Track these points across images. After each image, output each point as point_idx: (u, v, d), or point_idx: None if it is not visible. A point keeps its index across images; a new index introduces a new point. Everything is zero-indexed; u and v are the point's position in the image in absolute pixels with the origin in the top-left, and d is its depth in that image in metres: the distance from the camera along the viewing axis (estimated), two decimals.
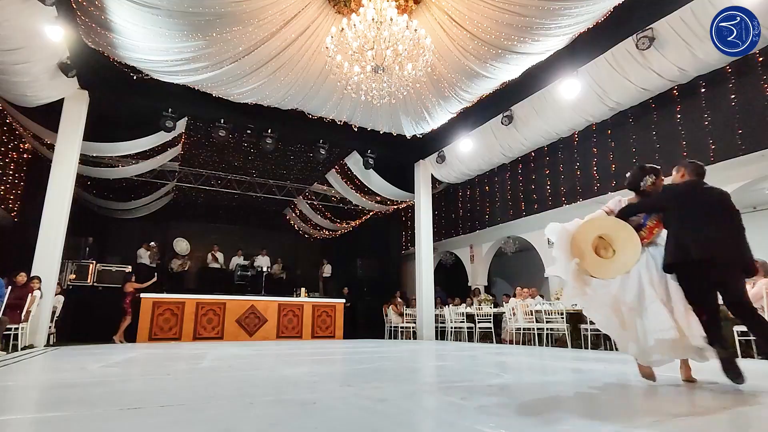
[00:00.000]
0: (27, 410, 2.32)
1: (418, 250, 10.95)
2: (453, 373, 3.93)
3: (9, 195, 8.80)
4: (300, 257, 15.46)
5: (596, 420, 2.04)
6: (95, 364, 4.36)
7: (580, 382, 3.29)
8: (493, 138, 9.53)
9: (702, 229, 2.89)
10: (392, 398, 2.46)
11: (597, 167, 8.36)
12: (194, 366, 4.21)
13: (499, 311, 9.42)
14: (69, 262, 9.04)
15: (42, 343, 6.81)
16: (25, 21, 5.70)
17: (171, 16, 5.98)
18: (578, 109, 7.92)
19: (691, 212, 2.96)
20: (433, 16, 6.54)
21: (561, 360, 5.14)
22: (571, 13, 5.98)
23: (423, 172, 11.31)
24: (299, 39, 6.86)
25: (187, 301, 8.80)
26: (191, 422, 1.89)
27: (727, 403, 2.48)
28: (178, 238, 13.37)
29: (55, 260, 7.07)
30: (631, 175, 3.31)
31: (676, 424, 1.87)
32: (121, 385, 3.07)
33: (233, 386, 2.92)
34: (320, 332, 9.99)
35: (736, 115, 6.39)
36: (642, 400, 2.54)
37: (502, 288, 13.75)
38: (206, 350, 6.24)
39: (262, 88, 7.88)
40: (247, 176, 12.30)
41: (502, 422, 1.86)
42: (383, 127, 9.38)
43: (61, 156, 7.43)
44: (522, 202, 10.00)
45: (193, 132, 9.68)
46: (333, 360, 5.22)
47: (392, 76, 5.93)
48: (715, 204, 3.00)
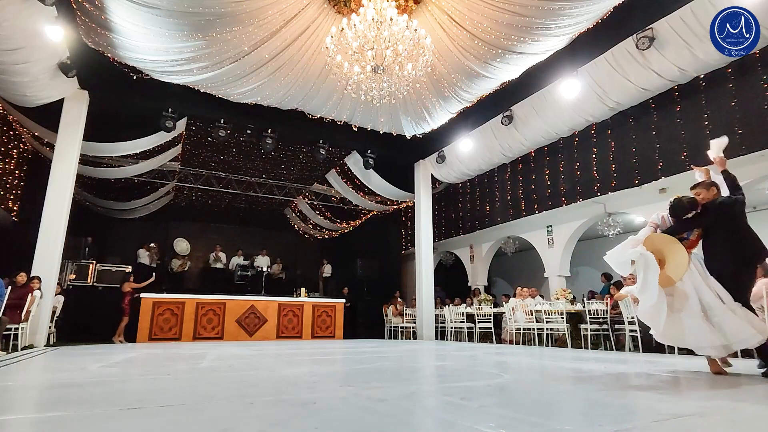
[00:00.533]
0: (27, 410, 2.32)
1: (418, 250, 10.94)
2: (453, 373, 3.93)
3: (9, 195, 8.79)
4: (300, 257, 15.47)
5: (596, 420, 2.04)
6: (95, 364, 4.36)
7: (580, 382, 3.29)
8: (493, 138, 9.53)
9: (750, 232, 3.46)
10: (392, 398, 2.46)
11: (597, 167, 8.36)
12: (194, 366, 4.21)
13: (499, 311, 9.42)
14: (69, 262, 9.04)
15: (42, 343, 6.81)
16: (25, 21, 5.69)
17: (171, 16, 5.97)
18: (578, 109, 7.92)
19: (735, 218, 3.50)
20: (433, 16, 6.54)
21: (561, 360, 5.13)
22: (571, 13, 5.97)
23: (423, 172, 11.31)
24: (299, 39, 6.86)
25: (187, 301, 8.80)
26: (191, 422, 1.89)
27: (727, 403, 2.48)
28: (179, 238, 13.39)
29: (55, 260, 7.07)
30: (677, 206, 3.71)
31: (676, 424, 1.87)
32: (121, 385, 3.07)
33: (233, 386, 2.92)
34: (320, 332, 9.99)
35: (736, 115, 6.38)
36: (642, 400, 2.54)
37: (502, 288, 13.77)
38: (206, 350, 6.24)
39: (262, 88, 7.88)
40: (247, 176, 12.30)
41: (502, 422, 1.86)
42: (383, 127, 9.38)
43: (60, 156, 7.43)
44: (522, 202, 10.00)
45: (193, 132, 9.68)
46: (333, 360, 5.22)
47: (392, 76, 5.92)
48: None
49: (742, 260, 3.42)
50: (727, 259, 3.44)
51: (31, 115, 7.88)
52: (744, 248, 3.42)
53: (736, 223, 3.47)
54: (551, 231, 9.79)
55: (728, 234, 3.46)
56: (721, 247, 3.48)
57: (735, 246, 3.43)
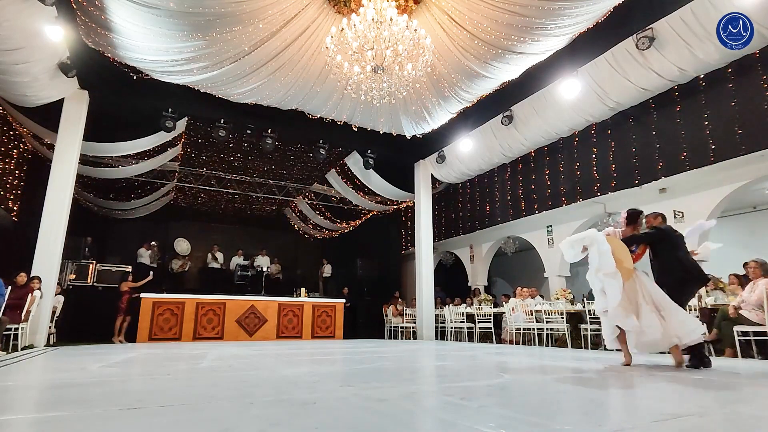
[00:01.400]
0: (27, 410, 2.32)
1: (418, 250, 10.94)
2: (453, 373, 3.93)
3: (9, 195, 8.79)
4: (300, 257, 15.47)
5: (596, 420, 2.04)
6: (95, 364, 4.36)
7: (580, 382, 3.29)
8: (493, 138, 9.53)
9: (688, 257, 4.28)
10: (392, 398, 2.46)
11: (597, 167, 8.36)
12: (194, 366, 4.21)
13: (499, 311, 9.42)
14: (69, 262, 9.04)
15: (42, 343, 6.81)
16: (25, 21, 5.69)
17: (171, 16, 5.97)
18: (578, 109, 7.92)
19: (678, 245, 4.30)
20: (433, 16, 6.54)
21: (561, 360, 5.14)
22: (571, 13, 5.97)
23: (423, 172, 11.31)
24: (299, 39, 6.86)
25: (187, 301, 8.80)
26: (191, 422, 1.89)
27: (727, 403, 2.48)
28: (179, 239, 13.39)
29: (55, 260, 7.07)
30: (634, 214, 4.49)
31: (676, 424, 1.87)
32: (121, 385, 3.07)
33: (233, 386, 2.92)
34: (320, 332, 9.99)
35: (736, 115, 6.38)
36: (642, 400, 2.54)
37: (502, 288, 13.76)
38: (206, 350, 6.24)
39: (262, 88, 7.88)
40: (247, 176, 12.31)
41: (502, 422, 1.86)
42: (383, 127, 9.38)
43: (60, 156, 7.43)
44: (522, 202, 10.00)
45: (193, 132, 9.68)
46: (333, 360, 5.22)
47: (392, 76, 5.92)
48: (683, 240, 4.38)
49: (681, 278, 4.19)
50: (667, 276, 4.21)
51: (31, 115, 7.87)
52: (682, 270, 4.19)
53: (679, 248, 4.28)
54: (551, 231, 9.79)
55: (671, 256, 4.25)
56: (668, 266, 4.25)
57: (675, 267, 4.21)
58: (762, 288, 5.08)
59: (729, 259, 8.10)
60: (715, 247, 4.63)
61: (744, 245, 8.99)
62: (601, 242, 4.17)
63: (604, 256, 4.10)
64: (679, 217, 7.35)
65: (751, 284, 5.37)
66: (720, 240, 4.90)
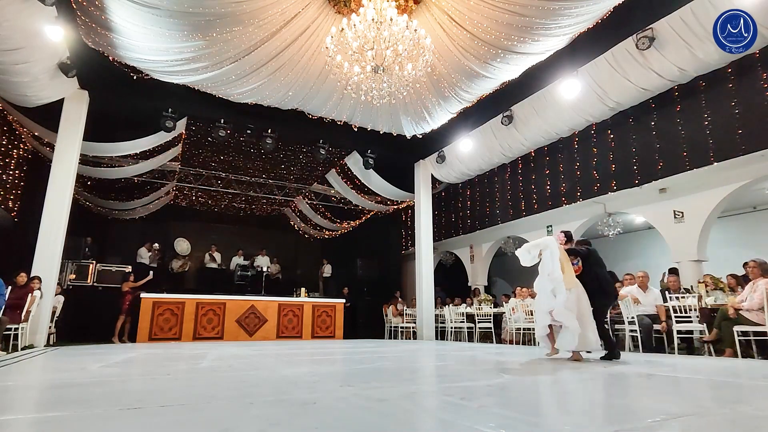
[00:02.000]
0: (27, 410, 2.32)
1: (418, 250, 10.94)
2: (453, 373, 3.93)
3: (9, 195, 8.80)
4: (300, 257, 15.47)
5: (596, 420, 2.04)
6: (95, 364, 4.36)
7: (580, 382, 3.29)
8: (493, 138, 9.53)
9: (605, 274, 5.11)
10: (392, 398, 2.46)
11: (597, 167, 8.36)
12: (194, 366, 4.21)
13: (499, 311, 9.42)
14: (69, 262, 9.04)
15: (42, 343, 6.81)
16: (25, 21, 5.69)
17: (171, 16, 5.97)
18: (578, 109, 7.92)
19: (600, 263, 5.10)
20: (433, 16, 6.54)
21: (561, 360, 5.13)
22: (571, 13, 5.97)
23: (423, 172, 11.31)
24: (299, 39, 6.85)
25: (187, 301, 8.80)
26: (191, 422, 1.89)
27: (728, 403, 2.48)
28: (180, 239, 13.38)
29: (55, 260, 7.07)
30: (570, 234, 5.37)
31: (676, 424, 1.87)
32: (121, 385, 3.07)
33: (233, 386, 2.92)
34: (320, 332, 9.99)
35: (736, 115, 6.38)
36: (642, 400, 2.54)
37: (502, 288, 13.77)
38: (206, 350, 6.24)
39: (262, 88, 7.88)
40: (247, 176, 12.30)
41: (502, 422, 1.86)
42: (383, 127, 9.38)
43: (60, 156, 7.43)
44: (522, 202, 10.00)
45: (193, 132, 9.68)
46: (333, 360, 5.22)
47: (392, 76, 5.92)
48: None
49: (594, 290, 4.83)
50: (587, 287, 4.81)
51: (31, 115, 7.88)
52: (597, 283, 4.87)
53: (600, 265, 5.05)
54: (551, 231, 9.78)
55: (592, 271, 4.94)
56: (587, 279, 4.86)
57: (593, 280, 4.86)
58: (762, 288, 5.08)
59: (729, 259, 8.10)
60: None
61: (744, 245, 9.01)
62: (554, 249, 4.85)
63: (557, 262, 4.74)
64: (680, 217, 7.35)
65: (750, 284, 5.38)
66: (720, 240, 4.95)
